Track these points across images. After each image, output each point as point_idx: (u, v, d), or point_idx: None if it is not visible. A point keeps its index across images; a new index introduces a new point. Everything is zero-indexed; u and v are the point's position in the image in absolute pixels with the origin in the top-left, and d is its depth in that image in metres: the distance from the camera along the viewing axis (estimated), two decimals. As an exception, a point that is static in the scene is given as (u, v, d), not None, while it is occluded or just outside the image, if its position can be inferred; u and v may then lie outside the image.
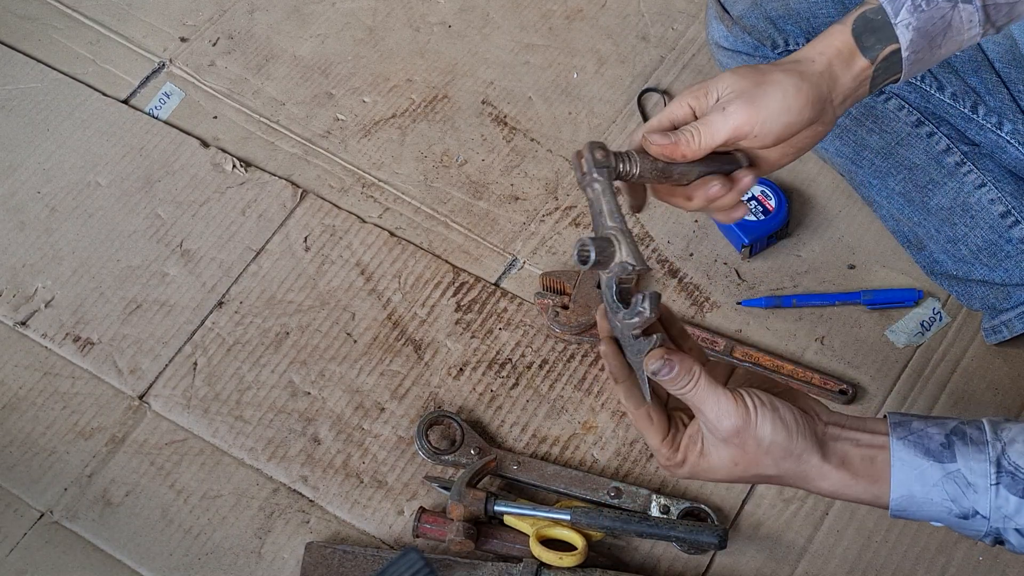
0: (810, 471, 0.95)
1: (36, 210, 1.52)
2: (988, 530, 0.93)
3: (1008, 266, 1.37)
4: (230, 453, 1.36)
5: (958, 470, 0.92)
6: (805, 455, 0.95)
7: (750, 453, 0.95)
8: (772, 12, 1.42)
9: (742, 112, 1.01)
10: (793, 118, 1.03)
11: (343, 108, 1.61)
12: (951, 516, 0.94)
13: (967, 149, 1.40)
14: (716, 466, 0.97)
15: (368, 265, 1.49)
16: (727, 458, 0.96)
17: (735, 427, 0.94)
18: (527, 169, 1.56)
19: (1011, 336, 1.38)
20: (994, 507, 0.92)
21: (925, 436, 0.94)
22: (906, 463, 0.93)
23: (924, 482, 0.93)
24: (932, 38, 1.05)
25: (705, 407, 0.95)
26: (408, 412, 1.39)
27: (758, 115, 1.02)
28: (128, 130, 1.58)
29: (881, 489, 0.95)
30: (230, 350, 1.43)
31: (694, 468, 0.98)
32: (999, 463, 0.92)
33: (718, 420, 0.94)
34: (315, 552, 1.29)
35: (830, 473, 0.95)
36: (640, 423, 0.99)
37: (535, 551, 1.26)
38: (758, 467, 0.95)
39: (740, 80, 1.03)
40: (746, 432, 0.94)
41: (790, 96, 1.02)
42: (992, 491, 0.92)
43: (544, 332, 1.44)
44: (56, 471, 1.35)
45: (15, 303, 1.45)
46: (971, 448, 0.93)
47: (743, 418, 0.94)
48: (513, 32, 1.68)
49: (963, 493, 0.92)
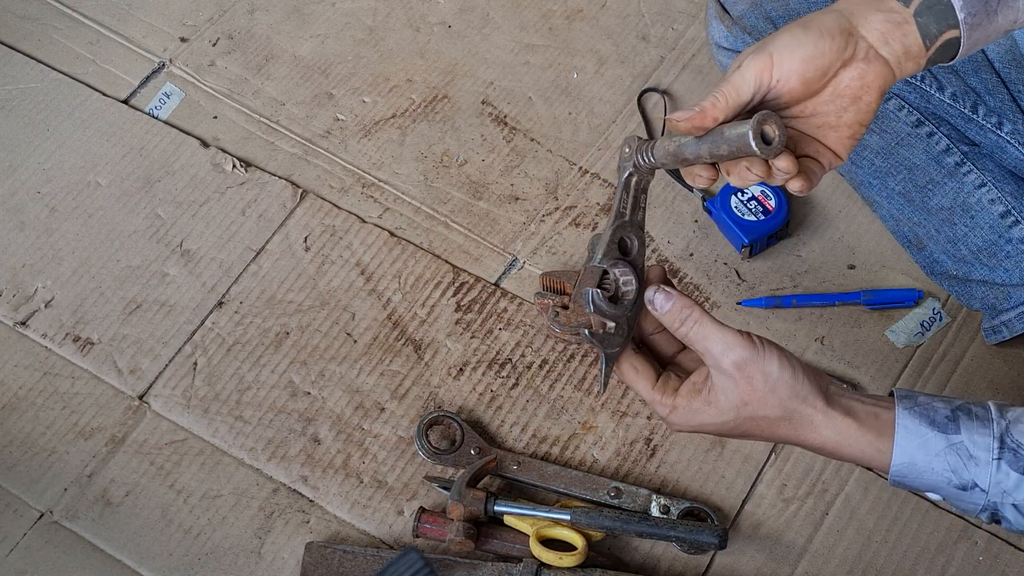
0: (815, 416, 0.95)
1: (36, 210, 1.52)
2: (985, 504, 0.94)
3: (1008, 266, 1.37)
4: (230, 453, 1.36)
5: (961, 442, 0.93)
6: (810, 398, 0.95)
7: (758, 390, 0.95)
8: (772, 12, 1.42)
9: (756, 60, 0.97)
10: (808, 51, 0.97)
11: (343, 108, 1.61)
12: (950, 487, 0.94)
13: (967, 149, 1.40)
14: (724, 408, 0.96)
15: (368, 265, 1.49)
16: (735, 397, 0.96)
17: (743, 358, 0.94)
18: (527, 169, 1.56)
19: (1011, 336, 1.38)
20: (994, 481, 0.93)
21: (931, 409, 0.95)
22: (910, 431, 0.94)
23: (927, 451, 0.94)
24: (987, 0, 0.99)
25: (710, 342, 0.95)
26: (408, 412, 1.39)
27: (771, 57, 0.97)
28: (128, 130, 1.58)
29: (884, 444, 0.95)
30: (230, 350, 1.43)
31: (696, 417, 0.97)
32: (1002, 439, 0.93)
33: (724, 353, 0.94)
34: (315, 552, 1.29)
35: (836, 419, 0.95)
36: (627, 377, 1.00)
37: (535, 551, 1.26)
38: (765, 407, 0.95)
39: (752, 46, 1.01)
40: (754, 364, 0.94)
41: (798, 33, 0.98)
42: (993, 465, 0.93)
43: (544, 332, 1.44)
44: (56, 471, 1.35)
45: (15, 303, 1.45)
46: (975, 423, 0.94)
47: (750, 349, 0.94)
48: (513, 32, 1.68)
49: (964, 465, 0.93)
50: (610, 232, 1.00)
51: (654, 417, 1.39)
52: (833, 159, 1.01)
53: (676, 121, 0.97)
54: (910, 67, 1.00)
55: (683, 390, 0.99)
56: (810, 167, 0.99)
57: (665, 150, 0.99)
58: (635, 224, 1.02)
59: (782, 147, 0.93)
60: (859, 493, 1.34)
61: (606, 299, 0.99)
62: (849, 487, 1.34)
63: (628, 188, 1.01)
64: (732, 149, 0.93)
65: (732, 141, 0.93)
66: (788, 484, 1.35)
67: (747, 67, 0.98)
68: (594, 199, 1.54)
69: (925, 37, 0.98)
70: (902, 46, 0.99)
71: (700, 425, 0.98)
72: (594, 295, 0.99)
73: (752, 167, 0.95)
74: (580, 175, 1.55)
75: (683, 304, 0.96)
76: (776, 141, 0.92)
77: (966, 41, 0.99)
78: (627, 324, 1.00)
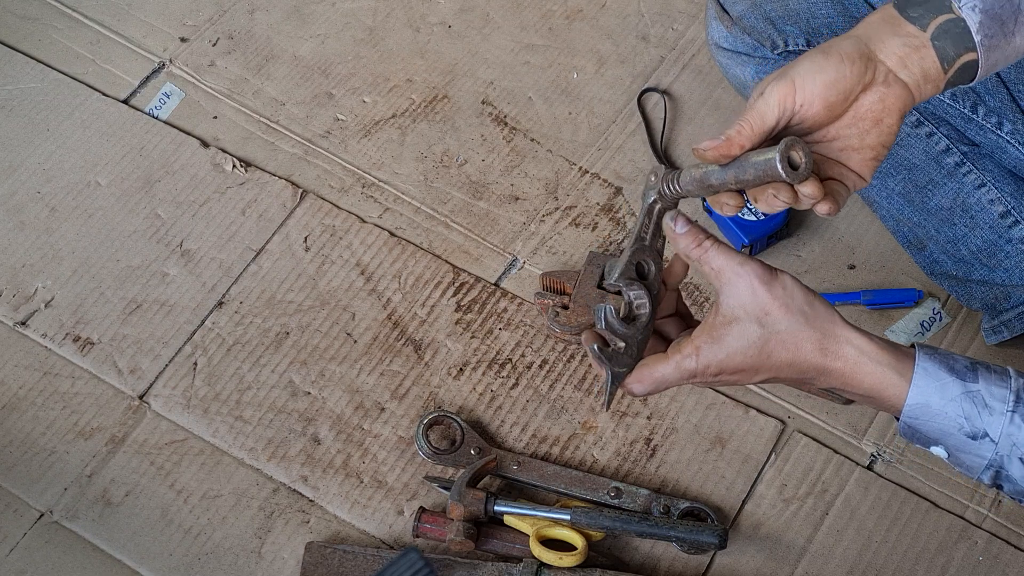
0: (835, 328, 0.96)
1: (36, 210, 1.52)
2: (992, 458, 0.95)
3: (1008, 266, 1.37)
4: (230, 453, 1.36)
5: (978, 390, 0.94)
6: (828, 314, 0.96)
7: (777, 297, 0.95)
8: (771, 13, 1.42)
9: (779, 86, 0.99)
10: (830, 75, 0.99)
11: (343, 108, 1.61)
12: (960, 433, 0.95)
13: (967, 149, 1.40)
14: (747, 325, 0.96)
15: (368, 265, 1.49)
16: (755, 308, 0.96)
17: (760, 269, 0.96)
18: (527, 169, 1.56)
19: (1011, 336, 1.38)
20: (1005, 432, 0.94)
21: (951, 358, 0.96)
22: (929, 373, 0.95)
23: (943, 395, 0.94)
24: (1003, 22, 1.01)
25: (727, 259, 0.96)
26: (408, 412, 1.39)
27: (794, 83, 0.99)
28: (128, 130, 1.58)
29: (905, 367, 0.95)
30: (230, 350, 1.43)
31: (724, 344, 0.97)
32: (1019, 394, 0.94)
33: (743, 263, 0.96)
34: (315, 552, 1.29)
35: (856, 337, 0.96)
36: (641, 375, 1.00)
37: (535, 551, 1.26)
38: (786, 314, 0.95)
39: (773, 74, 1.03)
40: (772, 276, 0.95)
41: (819, 59, 1.00)
42: (1007, 416, 0.94)
43: (544, 332, 1.44)
44: (56, 471, 1.35)
45: (15, 303, 1.45)
46: (994, 376, 0.95)
47: (764, 266, 0.96)
48: (513, 32, 1.68)
49: (978, 413, 0.94)
50: (629, 254, 1.01)
51: (654, 417, 1.39)
52: (857, 181, 1.02)
53: (703, 150, 0.99)
54: (929, 89, 1.02)
55: (697, 332, 0.99)
56: (836, 190, 1.01)
57: (691, 178, 1.00)
58: (654, 249, 1.02)
59: (808, 172, 0.94)
60: (859, 493, 1.34)
61: (619, 317, 0.99)
62: (849, 487, 1.35)
63: (651, 214, 1.02)
64: (759, 175, 0.94)
65: (759, 167, 0.94)
66: (788, 484, 1.35)
67: (770, 93, 0.99)
68: (594, 199, 1.54)
69: (943, 60, 1.00)
70: (920, 69, 1.01)
71: (729, 356, 0.97)
72: (607, 311, 0.99)
73: (779, 193, 0.97)
74: (580, 175, 1.56)
75: (700, 230, 0.98)
76: (803, 167, 0.94)
77: (984, 63, 1.01)
78: (637, 347, 1.00)
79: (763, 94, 1.00)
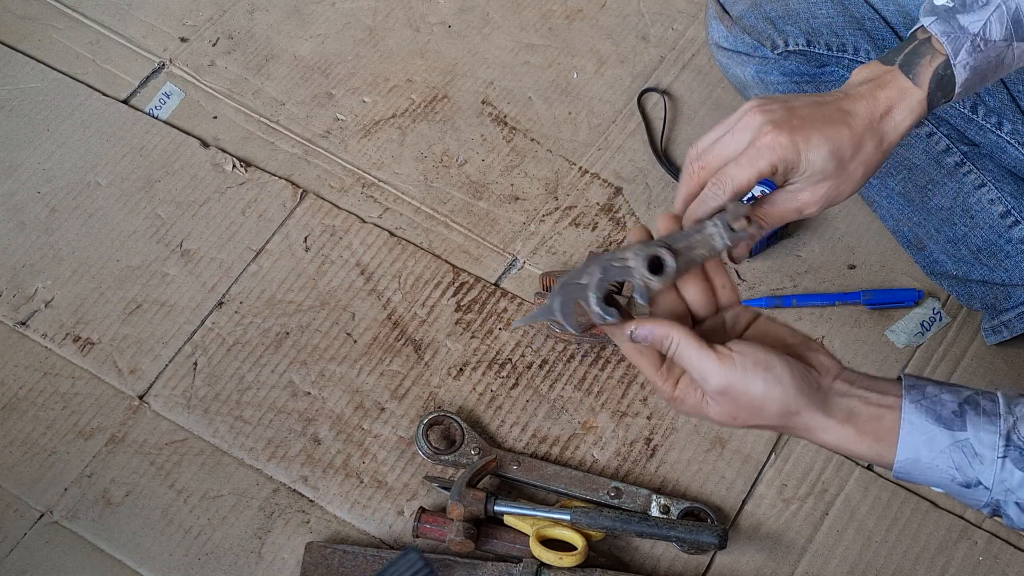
0: (810, 423, 0.95)
1: (36, 210, 1.52)
2: (988, 501, 0.94)
3: (1008, 266, 1.37)
4: (230, 453, 1.36)
5: (967, 439, 0.93)
6: (805, 411, 0.94)
7: (744, 407, 0.94)
8: (772, 13, 1.42)
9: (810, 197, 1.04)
10: (835, 146, 1.03)
11: (343, 108, 1.61)
12: (954, 484, 0.94)
13: (967, 149, 1.40)
14: (716, 413, 0.96)
15: (368, 265, 1.49)
16: (724, 412, 0.95)
17: (721, 386, 0.93)
18: (527, 169, 1.56)
19: (1011, 336, 1.38)
20: (998, 479, 0.93)
21: (938, 402, 0.94)
22: (916, 427, 0.94)
23: (932, 447, 0.93)
24: (984, 75, 1.07)
25: (690, 367, 0.94)
26: (408, 412, 1.39)
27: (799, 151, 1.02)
28: (128, 130, 1.58)
29: (885, 449, 0.94)
30: (230, 350, 1.43)
31: (697, 410, 0.97)
32: (1008, 437, 0.92)
33: (703, 380, 0.94)
34: (315, 552, 1.29)
35: (834, 428, 0.95)
36: (632, 356, 0.99)
37: (535, 551, 1.26)
38: (758, 418, 0.95)
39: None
40: (735, 390, 0.93)
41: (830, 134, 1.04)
42: (998, 464, 0.92)
43: (544, 332, 1.44)
44: (56, 471, 1.35)
45: (15, 303, 1.45)
46: (982, 419, 0.93)
47: (728, 378, 0.93)
48: (513, 32, 1.68)
49: (969, 463, 0.93)
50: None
51: (654, 417, 1.39)
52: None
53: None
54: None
55: (684, 381, 0.98)
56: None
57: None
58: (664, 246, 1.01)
59: (670, 279, 0.95)
60: (859, 493, 1.34)
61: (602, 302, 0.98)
62: (849, 487, 1.34)
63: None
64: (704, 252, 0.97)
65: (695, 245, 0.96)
66: (788, 484, 1.35)
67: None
68: (594, 199, 1.54)
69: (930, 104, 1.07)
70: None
71: (701, 417, 0.98)
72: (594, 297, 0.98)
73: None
74: (580, 175, 1.56)
75: (662, 333, 0.95)
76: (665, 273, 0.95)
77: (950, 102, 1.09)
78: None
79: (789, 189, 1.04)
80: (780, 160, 1.00)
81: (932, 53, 1.06)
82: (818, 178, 1.02)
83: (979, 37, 1.05)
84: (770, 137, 1.00)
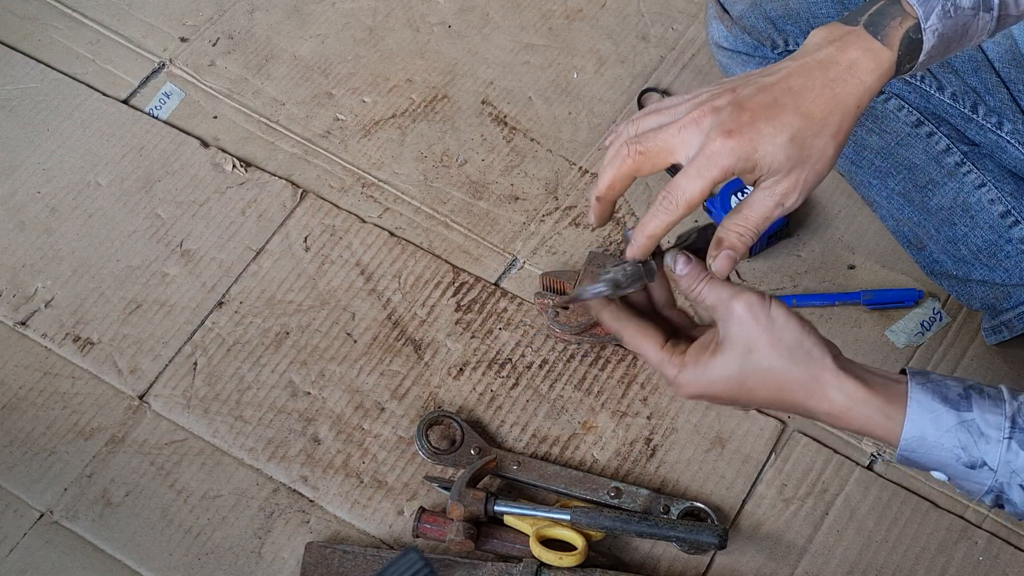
0: (823, 374, 0.95)
1: (36, 210, 1.52)
2: (992, 484, 0.94)
3: (1008, 266, 1.37)
4: (230, 453, 1.36)
5: (973, 419, 0.93)
6: (817, 353, 0.95)
7: (764, 331, 0.94)
8: (772, 12, 1.42)
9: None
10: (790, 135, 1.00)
11: (343, 108, 1.61)
12: (958, 464, 0.94)
13: (967, 149, 1.40)
14: (731, 358, 0.95)
15: (368, 265, 1.49)
16: (741, 342, 0.95)
17: (752, 301, 0.94)
18: (527, 169, 1.56)
19: (1011, 336, 1.38)
20: (1003, 460, 0.93)
21: (943, 386, 0.95)
22: (922, 405, 0.94)
23: (938, 426, 0.93)
24: (948, 44, 1.02)
25: (723, 292, 0.95)
26: (408, 412, 1.39)
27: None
28: (128, 130, 1.58)
29: (895, 412, 0.94)
30: (230, 350, 1.43)
31: (706, 373, 0.96)
32: (1014, 419, 0.93)
33: (734, 297, 0.94)
34: (315, 552, 1.29)
35: (845, 381, 0.94)
36: (634, 340, 0.99)
37: (535, 551, 1.26)
38: (771, 353, 0.94)
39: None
40: (762, 308, 0.94)
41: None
42: (1004, 444, 0.93)
43: (544, 332, 1.44)
44: (56, 471, 1.35)
45: (15, 303, 1.45)
46: (987, 402, 0.94)
47: (760, 297, 0.95)
48: (513, 32, 1.68)
49: (975, 443, 0.93)
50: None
51: (654, 417, 1.39)
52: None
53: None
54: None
55: (691, 349, 0.98)
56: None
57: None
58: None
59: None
60: (859, 493, 1.34)
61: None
62: (849, 487, 1.35)
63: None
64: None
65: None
66: (788, 484, 1.35)
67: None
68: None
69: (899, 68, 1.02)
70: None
71: (708, 384, 0.97)
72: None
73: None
74: (580, 175, 1.55)
75: (700, 268, 0.98)
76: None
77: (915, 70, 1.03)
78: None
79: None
80: (732, 165, 0.94)
81: (902, 15, 0.98)
82: (787, 167, 0.96)
83: (949, 2, 0.99)
84: (718, 143, 0.94)
